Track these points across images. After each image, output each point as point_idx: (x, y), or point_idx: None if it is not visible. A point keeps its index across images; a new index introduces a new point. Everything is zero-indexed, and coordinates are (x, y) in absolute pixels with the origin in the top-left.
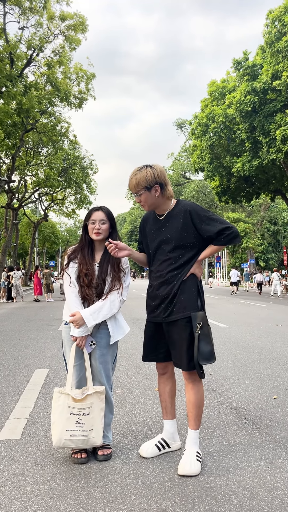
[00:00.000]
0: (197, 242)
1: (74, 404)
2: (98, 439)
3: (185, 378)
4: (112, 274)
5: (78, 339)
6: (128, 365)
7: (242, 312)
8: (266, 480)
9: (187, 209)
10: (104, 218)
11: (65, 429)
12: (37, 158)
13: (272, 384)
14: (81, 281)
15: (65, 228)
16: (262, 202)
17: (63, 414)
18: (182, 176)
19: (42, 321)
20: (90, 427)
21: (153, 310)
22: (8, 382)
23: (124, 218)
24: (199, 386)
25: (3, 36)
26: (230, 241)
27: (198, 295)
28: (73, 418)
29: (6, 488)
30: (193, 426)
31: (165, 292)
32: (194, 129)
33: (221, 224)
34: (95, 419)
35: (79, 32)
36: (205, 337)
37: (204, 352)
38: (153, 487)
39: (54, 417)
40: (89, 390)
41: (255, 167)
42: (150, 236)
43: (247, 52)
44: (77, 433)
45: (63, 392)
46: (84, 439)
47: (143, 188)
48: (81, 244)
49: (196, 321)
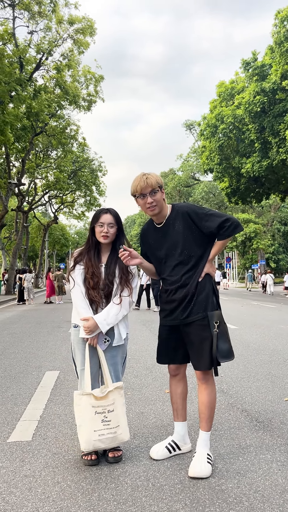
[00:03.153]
0: (202, 241)
1: (97, 403)
2: (125, 435)
3: (199, 379)
4: (121, 276)
5: (90, 338)
6: (138, 367)
7: (252, 314)
8: (277, 483)
9: (184, 211)
10: (112, 221)
11: (92, 429)
12: (46, 161)
13: (284, 386)
14: (87, 283)
15: (74, 231)
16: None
17: (87, 415)
18: (192, 177)
19: (52, 323)
20: (116, 424)
21: (171, 313)
22: (19, 384)
23: (134, 220)
24: (212, 387)
25: (13, 40)
26: (232, 231)
27: (213, 294)
28: (98, 418)
29: (17, 489)
30: (204, 428)
31: (182, 294)
32: (203, 130)
33: (220, 217)
34: (119, 415)
35: (88, 35)
36: (223, 335)
37: (223, 350)
38: (163, 489)
39: (79, 420)
40: (109, 387)
41: (264, 167)
42: (155, 246)
43: (256, 52)
44: (105, 432)
45: (84, 393)
46: (112, 437)
47: (159, 186)
48: (88, 246)
49: (214, 320)
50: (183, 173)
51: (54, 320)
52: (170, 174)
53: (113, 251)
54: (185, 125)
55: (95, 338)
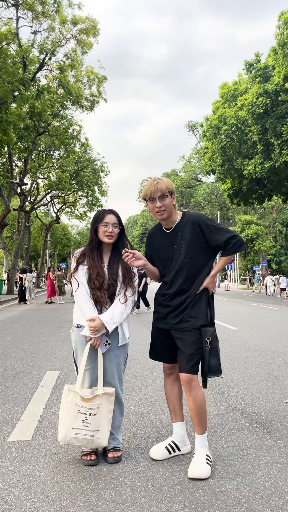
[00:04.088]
0: (206, 251)
1: (82, 403)
2: (103, 441)
3: (183, 384)
4: (124, 275)
5: (93, 339)
6: (138, 368)
7: (253, 315)
8: (277, 485)
9: (195, 220)
10: (116, 222)
11: (71, 426)
12: (49, 161)
13: (284, 387)
14: (92, 284)
15: (76, 231)
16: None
17: (70, 411)
18: (194, 178)
19: (53, 323)
20: (96, 428)
21: (163, 317)
22: (20, 383)
23: (135, 220)
24: (198, 392)
25: (16, 40)
26: (237, 249)
27: (208, 307)
28: (79, 417)
29: (17, 489)
30: (198, 431)
31: (178, 301)
32: (206, 131)
33: (228, 233)
34: (102, 420)
35: (91, 35)
36: (213, 351)
37: (212, 365)
38: (163, 490)
39: (61, 413)
40: (98, 391)
41: (267, 169)
42: (161, 249)
43: (259, 54)
44: (83, 432)
45: (72, 390)
46: (89, 439)
47: (169, 192)
48: (91, 246)
49: (206, 336)
50: (185, 174)
51: (55, 320)
52: (172, 175)
53: (114, 251)
54: (187, 126)
55: (98, 340)
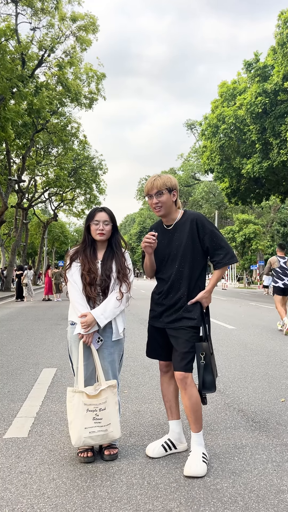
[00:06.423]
0: (199, 251)
1: (89, 401)
2: (117, 433)
3: (178, 382)
4: (118, 271)
5: (85, 336)
6: (135, 366)
7: (250, 314)
8: (272, 483)
9: (194, 218)
10: (107, 219)
11: (83, 427)
12: (47, 158)
13: (280, 386)
14: (84, 279)
15: (74, 228)
16: (272, 204)
17: (79, 412)
18: (192, 177)
19: (50, 320)
20: (108, 422)
21: (158, 315)
22: (16, 380)
23: (133, 218)
24: (192, 389)
25: (15, 36)
26: (228, 261)
27: (203, 321)
28: (90, 415)
29: (12, 486)
30: (194, 429)
31: (172, 301)
32: (204, 130)
33: (221, 241)
34: (111, 413)
35: (90, 32)
36: (208, 366)
37: (206, 382)
38: (159, 487)
39: (70, 417)
40: (102, 385)
41: (265, 168)
42: (160, 246)
43: (258, 53)
44: (96, 429)
45: (77, 391)
46: (103, 434)
47: (166, 189)
48: (84, 244)
49: (199, 352)
50: (184, 172)
51: (52, 317)
52: (170, 174)
53: (108, 248)
54: (186, 124)
55: (89, 337)
